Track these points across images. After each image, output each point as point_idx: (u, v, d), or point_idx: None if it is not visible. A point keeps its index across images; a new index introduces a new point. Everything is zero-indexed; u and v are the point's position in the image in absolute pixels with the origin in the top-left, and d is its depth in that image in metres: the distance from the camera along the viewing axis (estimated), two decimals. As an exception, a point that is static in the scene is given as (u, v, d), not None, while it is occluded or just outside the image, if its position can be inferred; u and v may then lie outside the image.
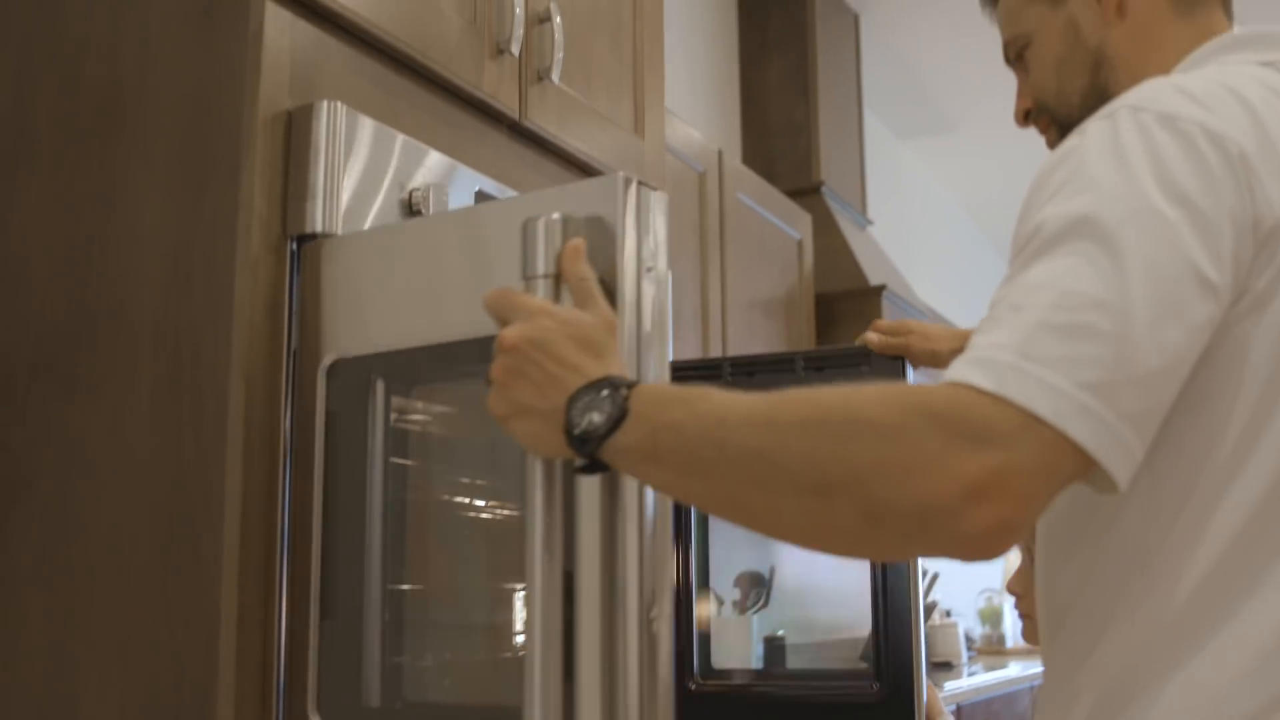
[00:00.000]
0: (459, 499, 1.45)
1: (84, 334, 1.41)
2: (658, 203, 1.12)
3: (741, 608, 3.57)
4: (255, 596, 1.28)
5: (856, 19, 4.62)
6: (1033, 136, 1.28)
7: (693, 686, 1.95)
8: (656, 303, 1.12)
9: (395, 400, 1.35)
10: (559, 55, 1.81)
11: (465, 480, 1.45)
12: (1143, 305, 0.87)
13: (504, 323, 1.03)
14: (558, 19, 1.81)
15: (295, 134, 1.38)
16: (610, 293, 1.07)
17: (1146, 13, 1.18)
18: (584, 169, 1.93)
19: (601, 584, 1.05)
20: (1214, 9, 1.18)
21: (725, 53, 4.19)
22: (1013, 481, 0.82)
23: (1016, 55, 1.26)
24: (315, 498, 1.31)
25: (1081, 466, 0.85)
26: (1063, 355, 0.85)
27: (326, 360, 1.33)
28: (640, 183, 1.11)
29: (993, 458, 0.81)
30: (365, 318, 1.32)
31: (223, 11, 1.39)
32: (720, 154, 3.19)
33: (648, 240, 1.10)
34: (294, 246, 1.36)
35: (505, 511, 1.40)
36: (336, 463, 1.31)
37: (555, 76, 1.80)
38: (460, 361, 1.25)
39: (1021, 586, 1.47)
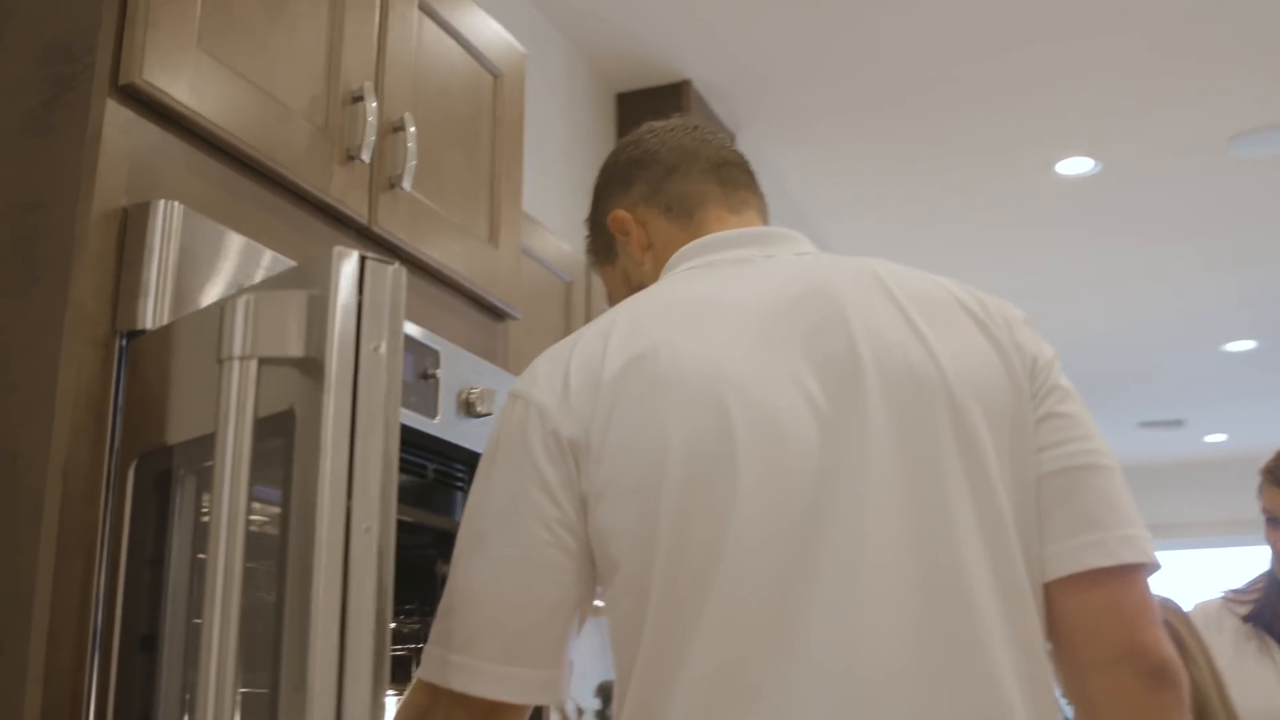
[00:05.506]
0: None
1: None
2: (392, 278, 1.08)
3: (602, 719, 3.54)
4: (62, 703, 1.24)
5: (733, 137, 4.74)
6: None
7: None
8: (380, 382, 1.06)
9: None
10: (411, 164, 1.83)
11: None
12: (458, 554, 1.17)
13: None
14: (411, 129, 1.84)
15: (130, 232, 1.38)
16: (321, 372, 1.04)
17: (660, 236, 1.37)
18: (436, 276, 1.95)
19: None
20: (708, 208, 1.37)
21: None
22: None
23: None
24: (119, 597, 1.28)
25: (460, 699, 1.14)
26: (443, 628, 1.16)
27: (136, 454, 1.31)
28: (368, 257, 1.08)
29: None
30: (184, 409, 1.30)
31: (62, 108, 1.39)
32: (587, 265, 3.23)
33: (375, 318, 1.07)
34: (123, 343, 1.35)
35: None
36: (142, 560, 1.29)
37: (407, 184, 1.82)
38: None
39: None
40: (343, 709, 0.99)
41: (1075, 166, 5.08)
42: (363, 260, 1.09)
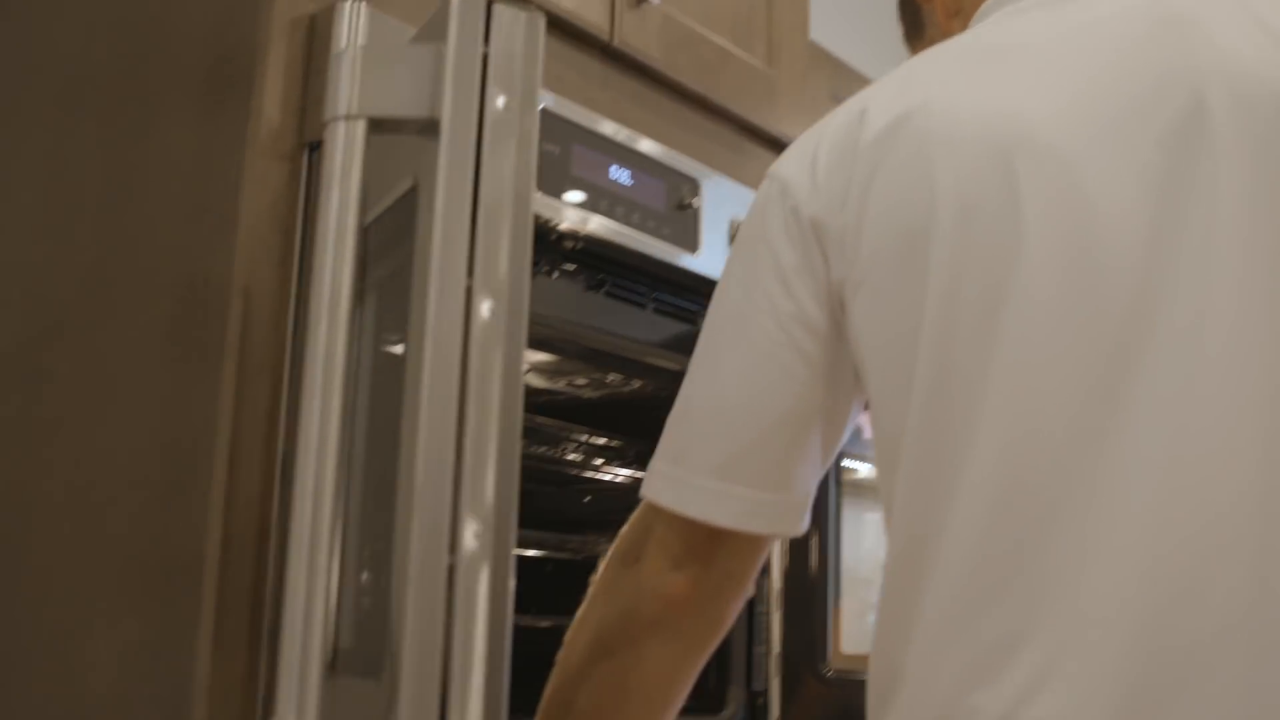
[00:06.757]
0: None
1: (113, 270, 1.34)
2: (526, 26, 0.90)
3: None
4: (246, 534, 1.17)
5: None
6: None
7: (828, 673, 1.76)
8: (508, 147, 0.90)
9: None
10: (661, -25, 1.65)
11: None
12: (696, 365, 1.00)
13: None
14: (662, -64, 1.66)
15: (316, 38, 1.28)
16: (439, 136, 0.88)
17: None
18: (699, 101, 1.76)
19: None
20: None
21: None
22: (668, 557, 0.98)
23: None
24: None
25: (676, 523, 0.97)
26: (664, 440, 1.00)
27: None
28: (496, 2, 0.90)
29: (642, 547, 1.00)
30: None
31: (249, -87, 1.31)
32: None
33: (505, 72, 0.89)
34: (312, 156, 1.26)
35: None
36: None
37: (655, -3, 1.65)
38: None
39: None
40: (459, 525, 0.84)
41: None
42: (489, 5, 0.93)
